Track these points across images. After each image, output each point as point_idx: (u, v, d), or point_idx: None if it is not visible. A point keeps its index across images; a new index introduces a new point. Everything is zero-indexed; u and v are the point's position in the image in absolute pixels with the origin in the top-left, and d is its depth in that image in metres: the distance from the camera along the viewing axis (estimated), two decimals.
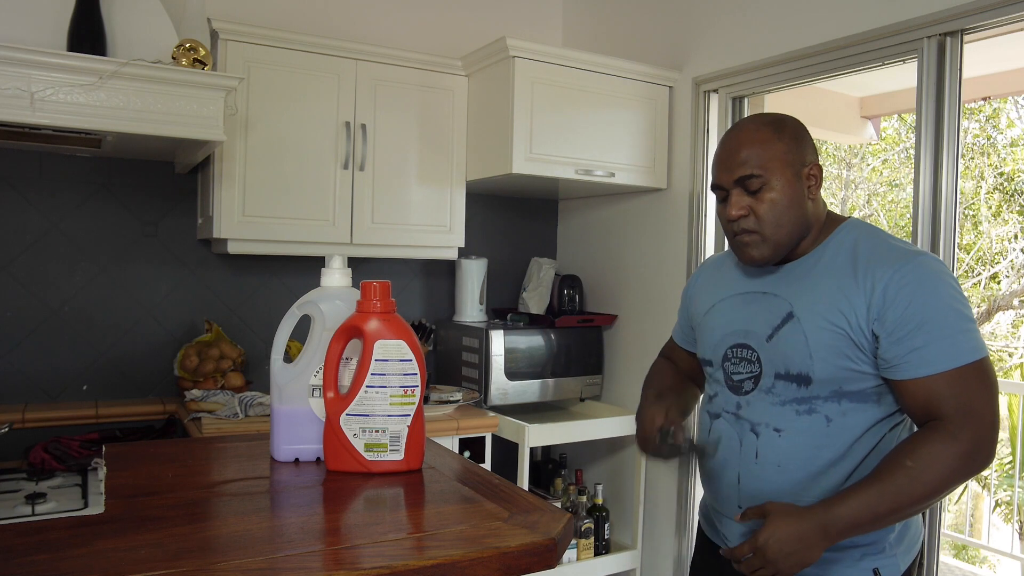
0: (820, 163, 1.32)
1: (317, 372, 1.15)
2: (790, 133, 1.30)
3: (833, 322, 1.23)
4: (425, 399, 1.15)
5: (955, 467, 1.13)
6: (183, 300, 2.68)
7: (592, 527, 2.79)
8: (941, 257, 2.00)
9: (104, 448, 1.21)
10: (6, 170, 2.43)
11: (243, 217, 2.43)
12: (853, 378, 1.23)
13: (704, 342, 1.44)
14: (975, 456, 1.13)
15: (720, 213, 1.34)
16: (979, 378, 1.16)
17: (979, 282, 6.91)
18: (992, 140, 6.83)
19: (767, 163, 1.26)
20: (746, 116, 1.40)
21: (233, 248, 2.45)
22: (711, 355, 1.41)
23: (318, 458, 1.17)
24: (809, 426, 1.24)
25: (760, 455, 1.28)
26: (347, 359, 1.13)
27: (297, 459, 1.17)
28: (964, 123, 1.96)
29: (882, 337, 1.19)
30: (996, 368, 6.81)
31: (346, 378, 1.13)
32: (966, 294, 1.26)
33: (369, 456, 1.10)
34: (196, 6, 2.23)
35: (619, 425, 2.75)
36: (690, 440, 1.34)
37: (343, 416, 1.09)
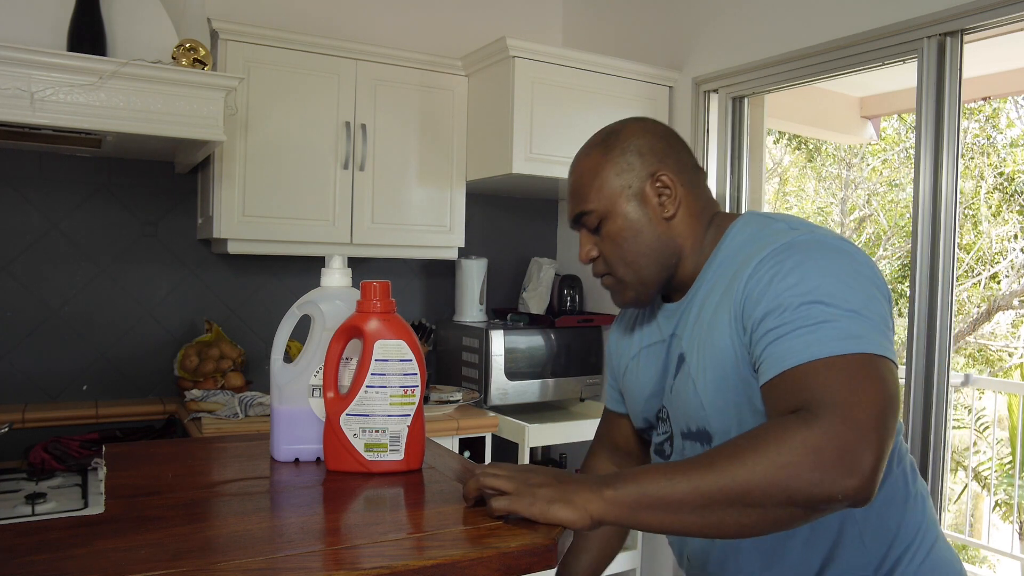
0: (673, 171, 1.07)
1: (317, 372, 1.15)
2: (621, 148, 1.08)
3: (715, 358, 0.98)
4: (425, 399, 1.15)
5: (796, 459, 0.77)
6: (183, 300, 2.69)
7: None
8: (941, 257, 2.00)
9: (104, 448, 1.21)
10: (6, 170, 2.43)
11: (243, 217, 2.43)
12: (760, 421, 0.94)
13: (631, 411, 1.22)
14: (827, 455, 0.77)
15: None
16: (856, 372, 0.82)
17: (979, 282, 6.91)
18: (992, 140, 6.83)
19: (598, 195, 1.07)
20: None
21: (233, 248, 2.45)
22: (640, 424, 1.20)
23: (318, 458, 1.17)
24: None
25: None
26: (347, 359, 1.13)
27: (297, 459, 1.17)
28: (964, 123, 1.95)
29: (750, 345, 0.93)
30: (996, 368, 6.81)
31: (346, 378, 1.13)
32: (967, 294, 1.06)
33: (369, 456, 1.09)
34: (196, 6, 2.23)
35: None
36: None
37: (343, 416, 1.09)
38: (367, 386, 1.08)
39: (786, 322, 0.88)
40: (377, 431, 1.09)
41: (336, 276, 1.20)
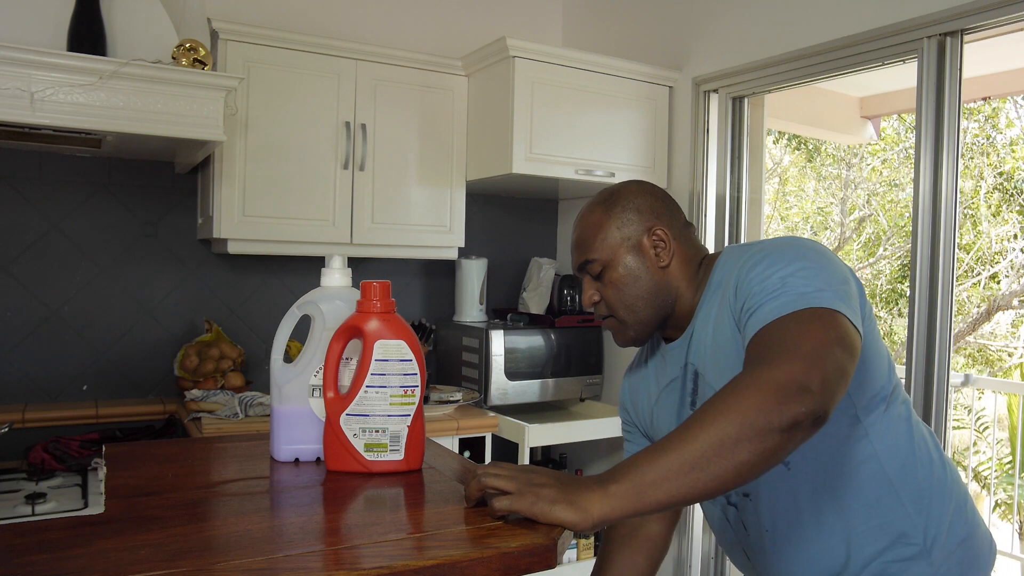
0: (668, 226, 1.21)
1: (317, 372, 1.15)
2: (622, 206, 1.21)
3: (728, 361, 1.10)
4: (425, 399, 1.15)
5: (760, 395, 0.88)
6: (183, 300, 2.69)
7: None
8: (941, 257, 2.00)
9: (104, 448, 1.21)
10: (6, 170, 2.43)
11: (243, 217, 2.43)
12: None
13: None
14: (782, 384, 0.88)
15: None
16: (803, 320, 0.96)
17: (979, 282, 6.91)
18: (992, 140, 6.83)
19: (601, 245, 1.20)
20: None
21: (233, 248, 2.45)
22: None
23: (318, 458, 1.17)
24: (769, 479, 1.12)
25: (748, 527, 1.19)
26: (347, 359, 1.13)
27: (297, 459, 1.17)
28: (964, 123, 1.95)
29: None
30: (995, 368, 6.81)
31: (346, 378, 1.13)
32: (967, 294, 1.15)
33: (369, 456, 1.09)
34: (196, 6, 2.24)
35: (619, 425, 2.74)
36: None
37: (343, 416, 1.09)
38: (367, 386, 1.08)
39: (754, 303, 1.03)
40: (377, 431, 1.09)
41: (336, 276, 1.20)
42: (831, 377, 0.90)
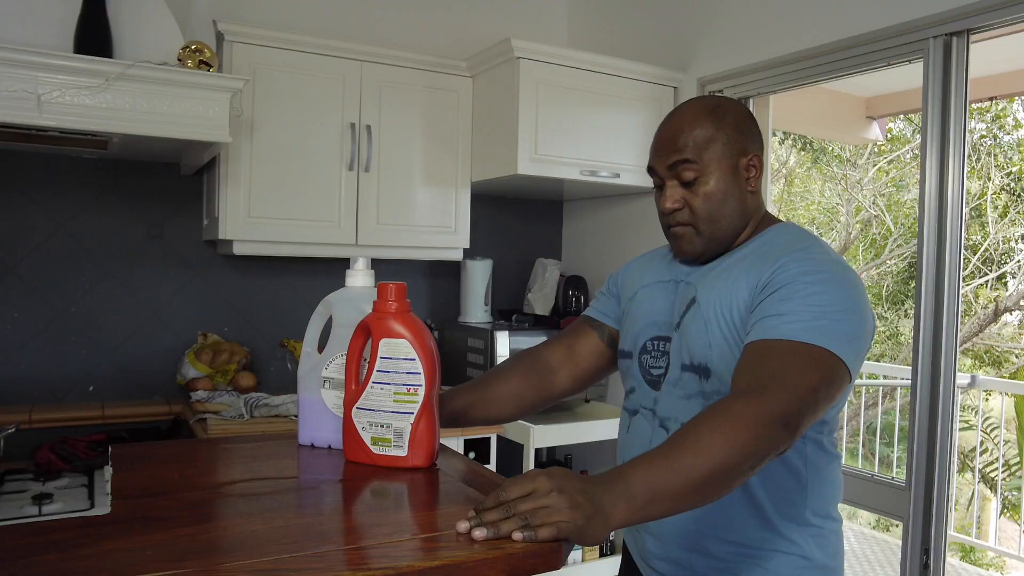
0: (761, 154, 1.23)
1: (328, 365, 1.22)
2: (731, 121, 1.20)
3: (729, 309, 1.14)
4: None
5: (760, 429, 0.93)
6: (189, 301, 2.69)
7: None
8: (947, 258, 1.99)
9: (110, 449, 1.21)
10: (13, 172, 2.44)
11: (249, 218, 2.43)
12: None
13: (626, 332, 1.34)
14: (776, 419, 0.95)
15: (656, 200, 1.25)
16: (812, 362, 1.01)
17: (986, 283, 6.88)
18: (998, 140, 6.80)
19: (703, 153, 1.18)
20: (688, 99, 1.29)
21: (239, 249, 2.45)
22: (631, 346, 1.31)
23: (329, 446, 1.23)
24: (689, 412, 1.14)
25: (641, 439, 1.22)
26: (365, 358, 1.18)
27: (313, 443, 1.25)
28: (970, 123, 1.95)
29: (752, 309, 1.11)
30: (1002, 369, 6.77)
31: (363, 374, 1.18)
32: (973, 295, 1.18)
33: (376, 449, 1.13)
34: (202, 8, 2.24)
35: None
36: None
37: (354, 409, 1.14)
38: (373, 382, 1.12)
39: (776, 310, 1.06)
40: (382, 426, 1.13)
41: (359, 277, 1.27)
42: (808, 422, 0.99)
